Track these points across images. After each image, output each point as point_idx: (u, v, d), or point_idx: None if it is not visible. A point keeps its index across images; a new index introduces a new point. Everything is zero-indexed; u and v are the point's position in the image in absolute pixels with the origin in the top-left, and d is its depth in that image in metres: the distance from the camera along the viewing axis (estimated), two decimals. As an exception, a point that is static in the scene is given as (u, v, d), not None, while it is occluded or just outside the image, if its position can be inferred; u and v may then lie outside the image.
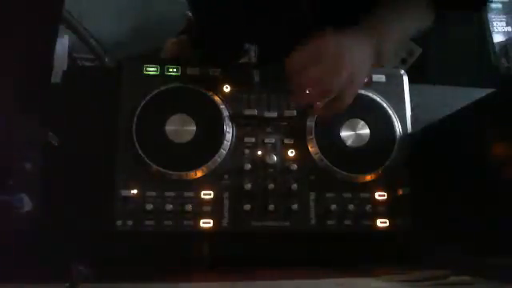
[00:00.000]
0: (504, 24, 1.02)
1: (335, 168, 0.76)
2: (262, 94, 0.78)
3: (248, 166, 0.74)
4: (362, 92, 0.80)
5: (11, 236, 0.66)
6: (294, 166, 0.76)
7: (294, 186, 0.75)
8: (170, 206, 0.72)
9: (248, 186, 0.73)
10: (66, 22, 1.06)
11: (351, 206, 0.75)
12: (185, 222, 0.72)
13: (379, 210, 0.76)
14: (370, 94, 0.80)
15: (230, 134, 0.76)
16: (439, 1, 0.74)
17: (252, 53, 1.02)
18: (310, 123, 0.77)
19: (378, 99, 0.80)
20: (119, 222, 0.71)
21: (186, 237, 0.75)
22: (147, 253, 0.76)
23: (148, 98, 0.75)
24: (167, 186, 0.73)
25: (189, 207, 0.72)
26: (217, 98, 0.77)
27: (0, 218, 0.67)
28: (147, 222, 0.71)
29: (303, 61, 0.63)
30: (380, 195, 0.77)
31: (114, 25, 1.26)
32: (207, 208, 0.73)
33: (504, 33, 1.02)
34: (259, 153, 0.76)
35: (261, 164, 0.75)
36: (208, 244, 0.79)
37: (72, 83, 0.81)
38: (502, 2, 1.04)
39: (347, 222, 0.75)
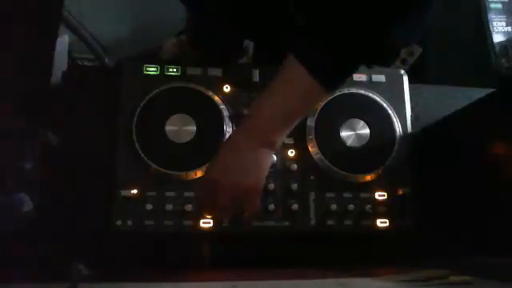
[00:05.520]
0: (504, 24, 1.02)
1: (335, 168, 0.76)
2: (261, 94, 0.78)
3: (248, 166, 0.74)
4: (362, 92, 0.80)
5: (11, 236, 0.66)
6: (294, 166, 0.76)
7: (294, 186, 0.75)
8: (170, 206, 0.72)
9: (248, 186, 0.73)
10: (65, 22, 1.06)
11: (351, 206, 0.75)
12: (185, 222, 0.72)
13: (379, 210, 0.76)
14: (370, 94, 0.80)
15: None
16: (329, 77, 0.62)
17: (250, 50, 1.02)
18: (310, 123, 0.77)
19: (378, 99, 0.80)
20: (119, 222, 0.71)
21: (186, 237, 0.75)
22: (147, 253, 0.76)
23: (148, 98, 0.75)
24: (167, 185, 0.73)
25: (189, 207, 0.72)
26: (217, 98, 0.77)
27: (0, 218, 0.67)
28: (147, 222, 0.71)
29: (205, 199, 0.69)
30: (380, 195, 0.77)
31: (114, 25, 1.26)
32: (207, 208, 0.73)
33: (504, 33, 1.01)
34: (259, 153, 0.75)
35: (261, 164, 0.75)
36: (208, 244, 0.79)
37: (72, 83, 0.81)
38: (502, 2, 1.03)
39: (347, 222, 0.75)
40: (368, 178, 0.77)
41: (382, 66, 0.81)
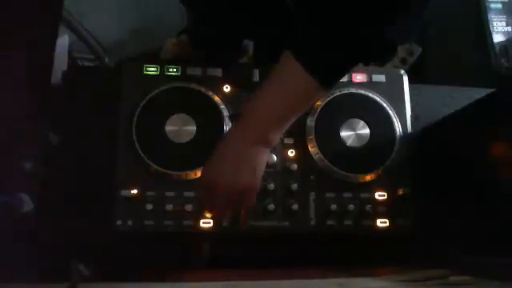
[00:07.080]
0: (504, 24, 1.02)
1: (335, 168, 0.76)
2: (261, 94, 0.78)
3: (248, 166, 0.74)
4: (362, 92, 0.80)
5: (11, 236, 0.66)
6: (294, 166, 0.76)
7: (294, 186, 0.75)
8: (170, 206, 0.72)
9: (248, 186, 0.73)
10: (66, 22, 1.06)
11: (351, 206, 0.75)
12: (185, 222, 0.72)
13: (379, 210, 0.76)
14: (370, 94, 0.80)
15: (230, 134, 0.75)
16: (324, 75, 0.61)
17: (250, 50, 1.02)
18: (310, 123, 0.77)
19: (378, 99, 0.80)
20: (119, 222, 0.71)
21: (186, 237, 0.75)
22: (147, 253, 0.76)
23: (148, 98, 0.75)
24: (167, 186, 0.73)
25: (189, 207, 0.72)
26: (217, 98, 0.77)
27: (0, 218, 0.67)
28: (147, 222, 0.71)
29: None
30: (380, 195, 0.77)
31: (114, 25, 1.26)
32: (207, 208, 0.73)
33: (504, 33, 1.01)
34: (259, 153, 0.75)
35: (261, 164, 0.75)
36: (208, 244, 0.79)
37: (72, 83, 0.81)
38: (502, 2, 1.03)
39: (347, 222, 0.75)
40: (368, 177, 0.77)
41: (380, 63, 0.80)
